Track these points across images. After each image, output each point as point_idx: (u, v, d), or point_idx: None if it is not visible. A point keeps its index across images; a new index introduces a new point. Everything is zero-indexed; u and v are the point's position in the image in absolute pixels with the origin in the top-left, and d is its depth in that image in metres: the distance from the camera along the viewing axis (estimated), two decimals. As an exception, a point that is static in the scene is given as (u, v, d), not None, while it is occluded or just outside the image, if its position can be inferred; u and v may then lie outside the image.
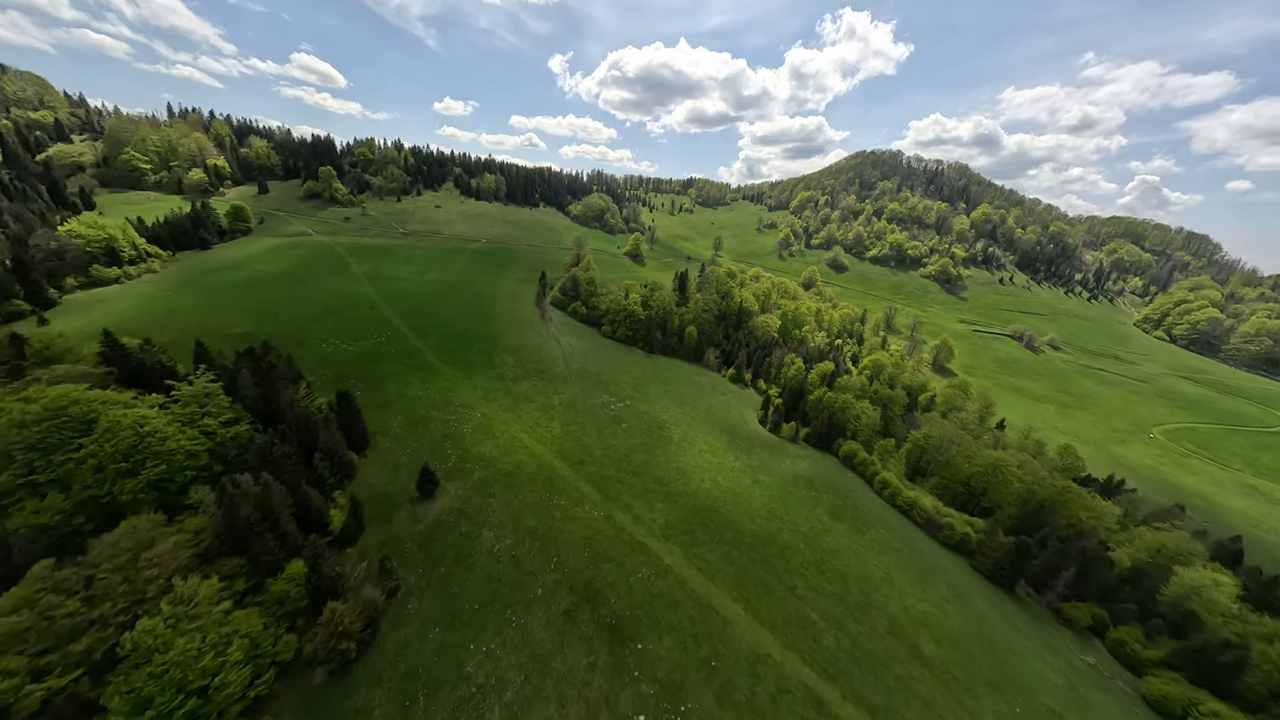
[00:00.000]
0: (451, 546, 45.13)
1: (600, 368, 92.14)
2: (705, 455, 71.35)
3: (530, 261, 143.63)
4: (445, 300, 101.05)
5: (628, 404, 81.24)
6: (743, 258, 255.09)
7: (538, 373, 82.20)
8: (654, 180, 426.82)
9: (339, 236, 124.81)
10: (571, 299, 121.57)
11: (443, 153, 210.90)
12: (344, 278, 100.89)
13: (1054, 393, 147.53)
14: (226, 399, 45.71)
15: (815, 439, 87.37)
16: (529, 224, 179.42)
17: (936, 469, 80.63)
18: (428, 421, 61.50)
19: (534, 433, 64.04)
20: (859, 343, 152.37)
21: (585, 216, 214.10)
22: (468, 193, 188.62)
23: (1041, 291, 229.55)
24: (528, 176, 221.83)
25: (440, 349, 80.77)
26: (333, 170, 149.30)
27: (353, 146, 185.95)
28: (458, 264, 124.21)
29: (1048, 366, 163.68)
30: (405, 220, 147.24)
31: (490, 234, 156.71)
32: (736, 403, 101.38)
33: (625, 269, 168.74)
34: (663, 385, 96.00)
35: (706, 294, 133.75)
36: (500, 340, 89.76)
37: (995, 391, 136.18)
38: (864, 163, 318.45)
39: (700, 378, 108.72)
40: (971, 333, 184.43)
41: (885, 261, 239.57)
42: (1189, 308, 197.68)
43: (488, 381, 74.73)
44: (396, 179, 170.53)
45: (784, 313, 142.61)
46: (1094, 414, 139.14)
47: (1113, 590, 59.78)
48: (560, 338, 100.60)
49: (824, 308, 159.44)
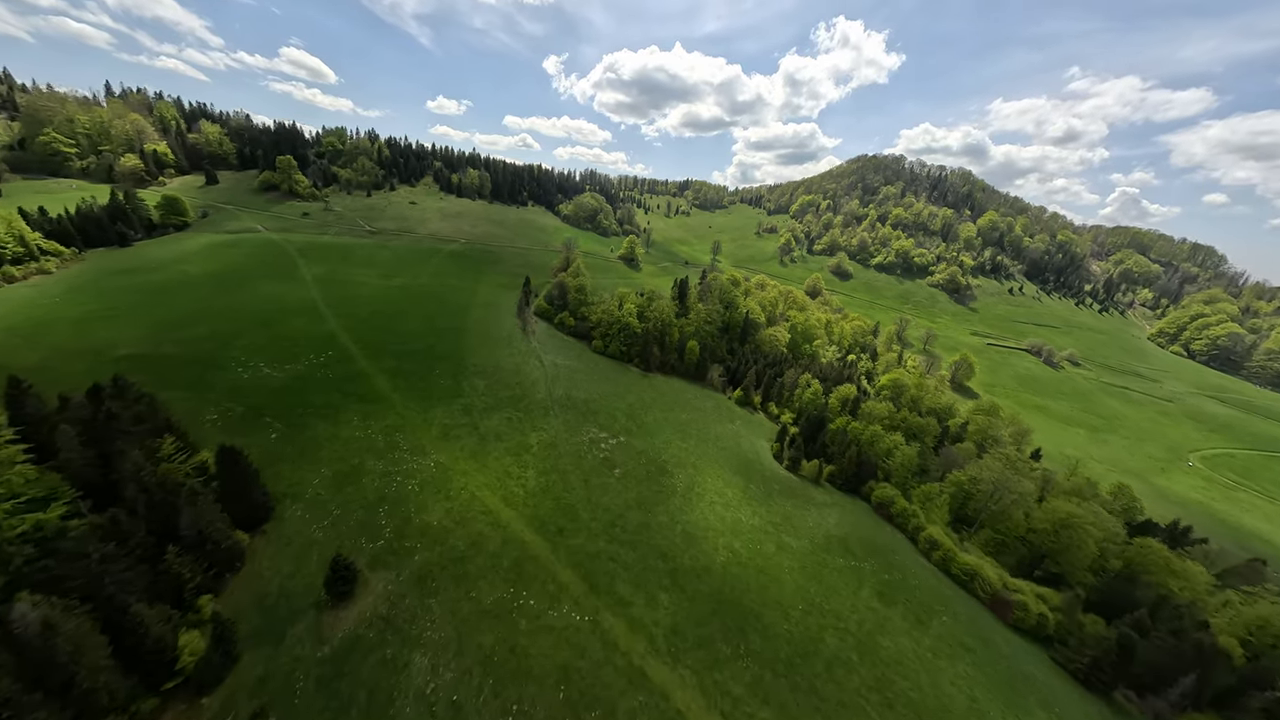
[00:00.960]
0: (365, 685, 30.97)
1: (590, 392, 78.35)
2: (717, 509, 57.91)
3: (514, 265, 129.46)
4: (409, 310, 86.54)
5: (622, 440, 67.55)
6: (742, 263, 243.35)
7: (514, 401, 68.17)
8: (649, 181, 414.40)
9: (293, 234, 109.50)
10: (558, 308, 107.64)
11: (422, 146, 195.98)
12: (288, 282, 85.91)
13: (1081, 414, 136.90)
14: (33, 469, 31.08)
15: (842, 480, 74.37)
16: (515, 224, 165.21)
17: (987, 520, 68.01)
18: (361, 476, 47.19)
19: (502, 488, 50.01)
20: (873, 358, 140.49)
21: (577, 217, 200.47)
22: (448, 189, 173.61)
23: (1052, 303, 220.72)
24: (516, 173, 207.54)
25: (395, 372, 66.34)
26: (293, 160, 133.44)
27: (321, 136, 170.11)
28: (429, 267, 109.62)
29: (1070, 384, 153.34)
30: (374, 217, 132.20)
31: (471, 234, 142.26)
32: (747, 431, 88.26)
33: (619, 274, 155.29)
34: (663, 412, 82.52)
35: (709, 304, 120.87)
36: (471, 360, 75.55)
37: (1020, 413, 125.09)
38: (865, 167, 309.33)
39: (704, 401, 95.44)
40: (986, 346, 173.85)
41: (891, 269, 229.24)
42: (1207, 322, 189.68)
43: (450, 415, 60.52)
44: (368, 172, 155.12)
45: (793, 325, 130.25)
46: (1126, 438, 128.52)
47: (1234, 693, 47.25)
48: (543, 355, 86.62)
49: (834, 319, 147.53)
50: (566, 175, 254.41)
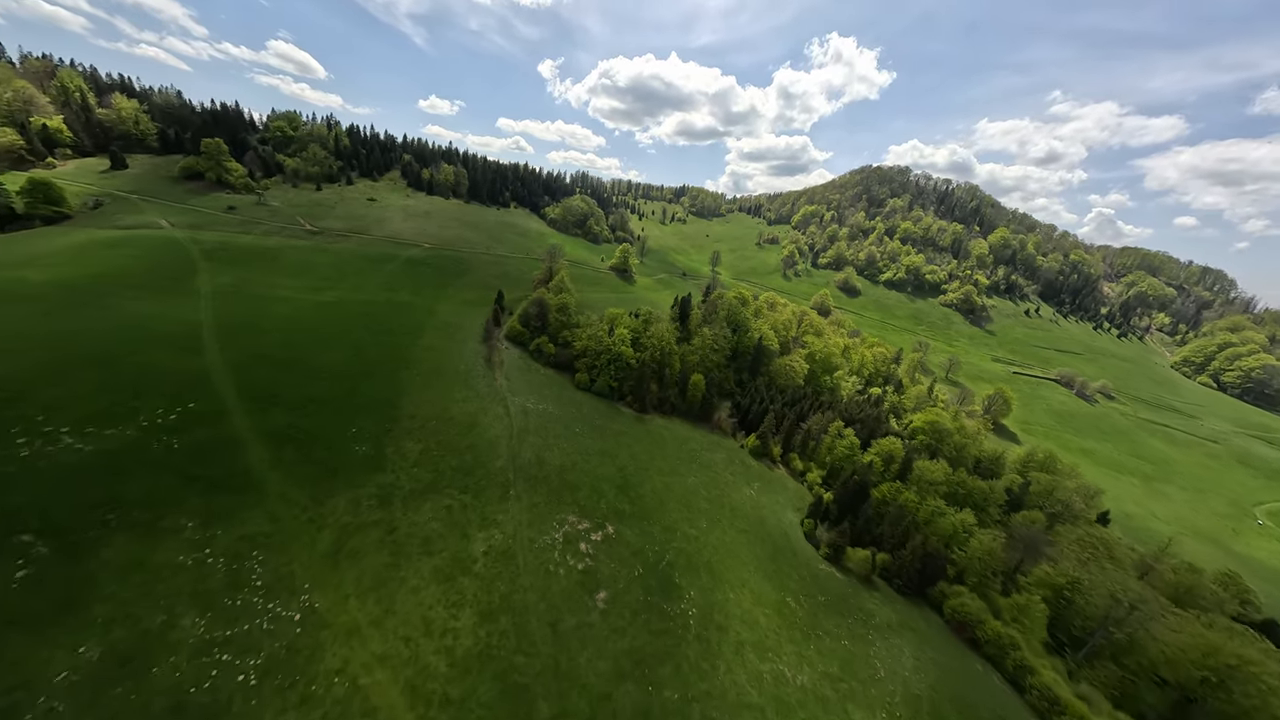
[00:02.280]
0: None
1: (569, 452, 59.12)
2: (750, 659, 39.19)
3: (486, 276, 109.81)
4: (335, 336, 66.35)
5: (610, 532, 48.53)
6: (743, 275, 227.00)
7: (460, 475, 48.69)
8: (644, 186, 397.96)
9: (206, 231, 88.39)
10: (536, 332, 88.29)
11: (391, 137, 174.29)
12: (172, 297, 65.12)
13: (1129, 459, 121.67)
14: None
15: (903, 579, 56.08)
16: (493, 227, 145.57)
17: (1107, 648, 50.13)
18: (154, 655, 27.17)
19: (411, 665, 30.47)
20: (898, 390, 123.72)
21: (564, 221, 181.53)
22: (418, 185, 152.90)
23: (1070, 326, 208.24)
24: (498, 171, 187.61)
25: (283, 437, 46.23)
26: (222, 144, 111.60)
27: (269, 121, 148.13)
28: (378, 277, 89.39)
29: (1108, 421, 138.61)
30: (319, 214, 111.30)
31: (438, 237, 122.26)
32: (769, 498, 69.80)
33: (610, 287, 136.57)
34: (664, 476, 63.67)
35: (715, 328, 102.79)
36: (408, 410, 55.77)
37: (1064, 456, 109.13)
38: (870, 178, 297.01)
39: (713, 452, 76.84)
40: (1013, 375, 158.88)
41: (901, 286, 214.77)
42: (1237, 352, 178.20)
43: (355, 509, 40.77)
44: (320, 162, 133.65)
45: (810, 352, 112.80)
46: (1183, 489, 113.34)
47: None
48: (511, 397, 67.12)
49: (852, 344, 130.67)
50: (555, 176, 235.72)
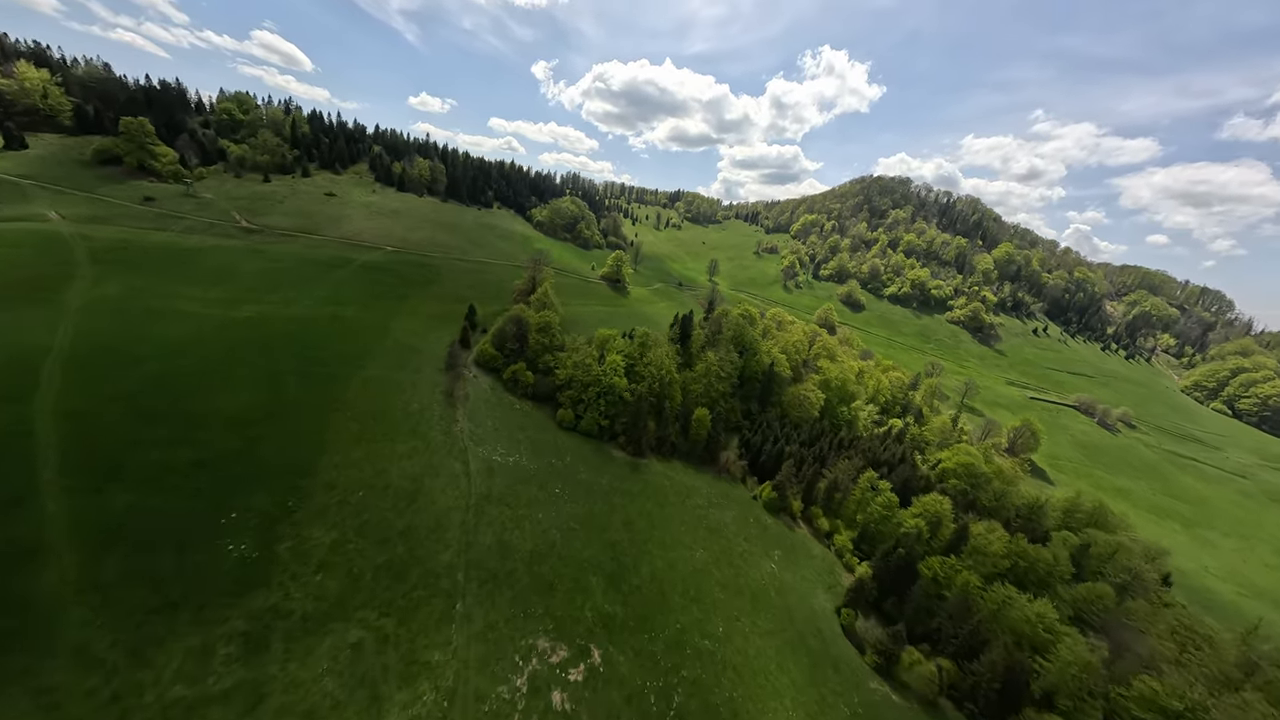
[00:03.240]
0: None
1: (543, 532, 45.20)
2: None
3: (459, 286, 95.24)
4: (246, 366, 51.35)
5: (596, 663, 34.98)
6: (742, 286, 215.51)
7: (385, 585, 34.58)
8: (637, 190, 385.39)
9: (107, 226, 72.25)
10: (511, 356, 74.09)
11: (361, 126, 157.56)
12: (25, 311, 49.55)
13: (1164, 498, 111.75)
14: None
15: (982, 702, 43.11)
16: (471, 229, 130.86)
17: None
18: None
19: None
20: (918, 419, 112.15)
21: (552, 225, 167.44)
22: (387, 180, 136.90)
23: (1079, 346, 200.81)
24: (481, 168, 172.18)
25: (116, 534, 31.71)
26: (147, 125, 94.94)
27: (215, 101, 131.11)
28: (321, 287, 74.32)
29: (1135, 455, 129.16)
30: (262, 209, 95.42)
31: (406, 239, 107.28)
32: (794, 571, 56.74)
33: (601, 299, 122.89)
34: (666, 550, 50.21)
35: (720, 350, 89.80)
36: (325, 476, 41.32)
37: (1100, 498, 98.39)
38: (870, 188, 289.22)
39: (723, 509, 63.61)
40: (1030, 401, 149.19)
41: (907, 301, 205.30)
42: (1251, 378, 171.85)
43: (196, 670, 26.27)
44: (271, 150, 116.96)
45: (825, 379, 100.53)
46: (1226, 535, 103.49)
47: None
48: (474, 447, 52.95)
49: (867, 368, 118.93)
50: (544, 176, 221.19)
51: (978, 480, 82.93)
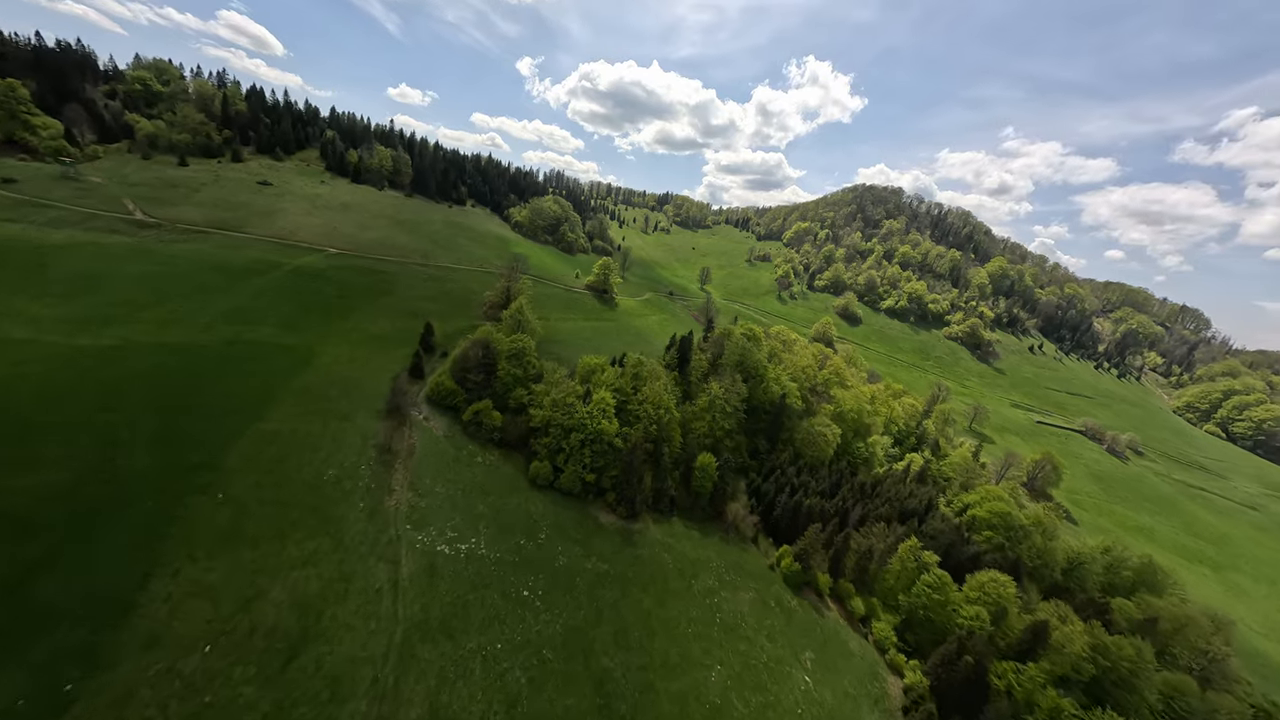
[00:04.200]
0: None
1: (500, 677, 31.32)
2: None
3: (416, 297, 79.94)
4: (72, 422, 35.74)
5: None
6: (734, 295, 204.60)
7: None
8: (625, 191, 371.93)
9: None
10: (475, 391, 59.58)
11: (313, 107, 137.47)
12: None
13: (1187, 537, 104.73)
14: None
15: None
16: (438, 229, 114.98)
17: None
18: None
19: None
20: (934, 450, 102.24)
21: (533, 226, 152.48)
22: (341, 170, 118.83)
23: (1074, 365, 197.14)
24: (453, 161, 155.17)
25: None
26: (18, 86, 75.76)
27: (129, 69, 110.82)
28: (228, 300, 58.24)
29: (1149, 486, 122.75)
30: (171, 199, 77.80)
31: (356, 239, 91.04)
32: (833, 683, 44.24)
33: (585, 312, 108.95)
34: (673, 672, 37.37)
35: (724, 379, 77.27)
36: (149, 619, 26.59)
37: (1123, 538, 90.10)
38: (864, 197, 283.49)
39: (737, 589, 51.02)
40: (1037, 426, 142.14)
41: (904, 315, 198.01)
42: (1244, 401, 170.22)
43: None
44: (193, 128, 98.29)
45: (839, 410, 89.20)
46: (1255, 579, 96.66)
47: None
48: (413, 534, 38.65)
49: (878, 393, 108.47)
50: (526, 172, 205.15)
51: (1015, 533, 72.63)
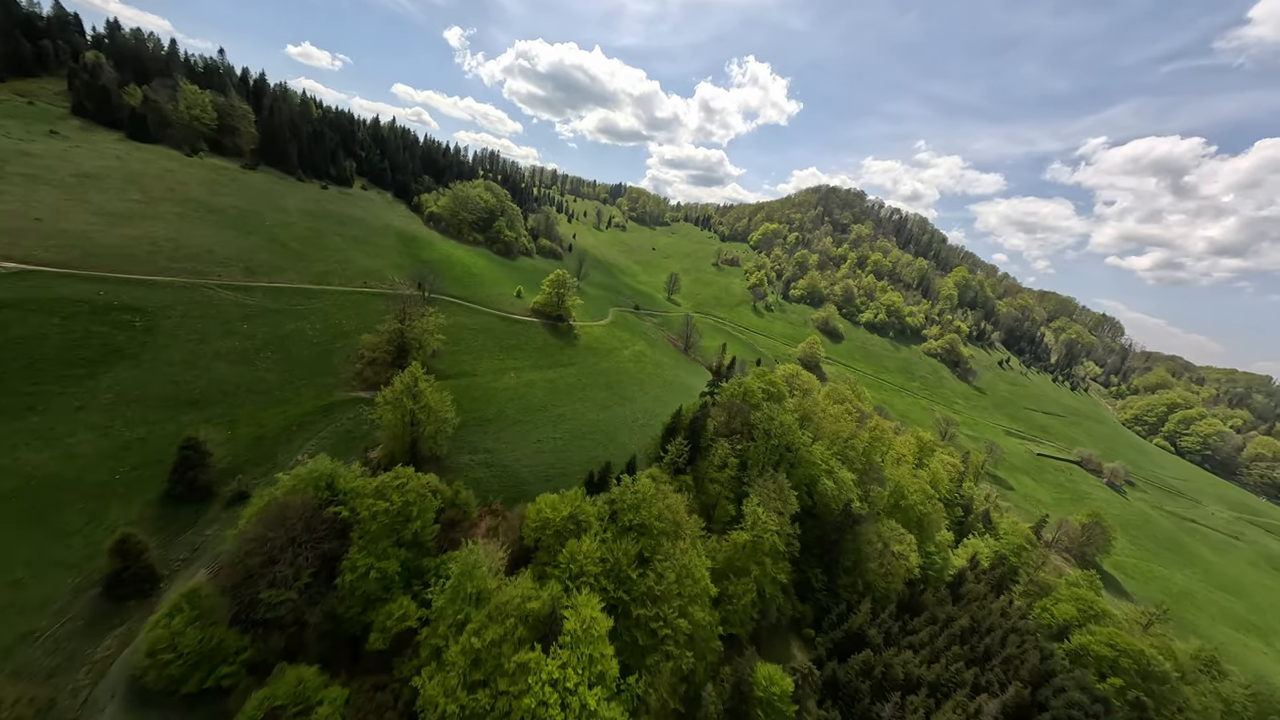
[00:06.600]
0: None
1: None
2: None
3: (197, 364, 42.00)
4: None
5: None
6: (705, 306, 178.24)
7: None
8: (573, 180, 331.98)
9: None
10: (267, 634, 24.69)
11: (64, 12, 78.01)
12: None
13: (1220, 595, 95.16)
14: None
15: None
16: (292, 225, 73.64)
17: None
18: None
19: None
20: (985, 523, 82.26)
21: (455, 219, 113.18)
22: (108, 118, 68.60)
23: (1038, 380, 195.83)
24: (332, 122, 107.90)
25: None
26: None
27: None
28: None
29: (1156, 528, 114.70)
30: None
31: (101, 243, 49.68)
32: None
33: (533, 354, 74.92)
34: None
35: (770, 488, 48.80)
36: None
37: (1177, 612, 76.30)
38: (828, 199, 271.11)
39: None
40: (1038, 459, 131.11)
41: (884, 330, 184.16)
42: (1188, 416, 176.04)
43: None
44: None
45: (895, 498, 64.54)
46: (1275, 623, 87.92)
47: None
48: None
49: (920, 445, 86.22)
50: (448, 150, 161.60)
51: (1149, 678, 52.08)
